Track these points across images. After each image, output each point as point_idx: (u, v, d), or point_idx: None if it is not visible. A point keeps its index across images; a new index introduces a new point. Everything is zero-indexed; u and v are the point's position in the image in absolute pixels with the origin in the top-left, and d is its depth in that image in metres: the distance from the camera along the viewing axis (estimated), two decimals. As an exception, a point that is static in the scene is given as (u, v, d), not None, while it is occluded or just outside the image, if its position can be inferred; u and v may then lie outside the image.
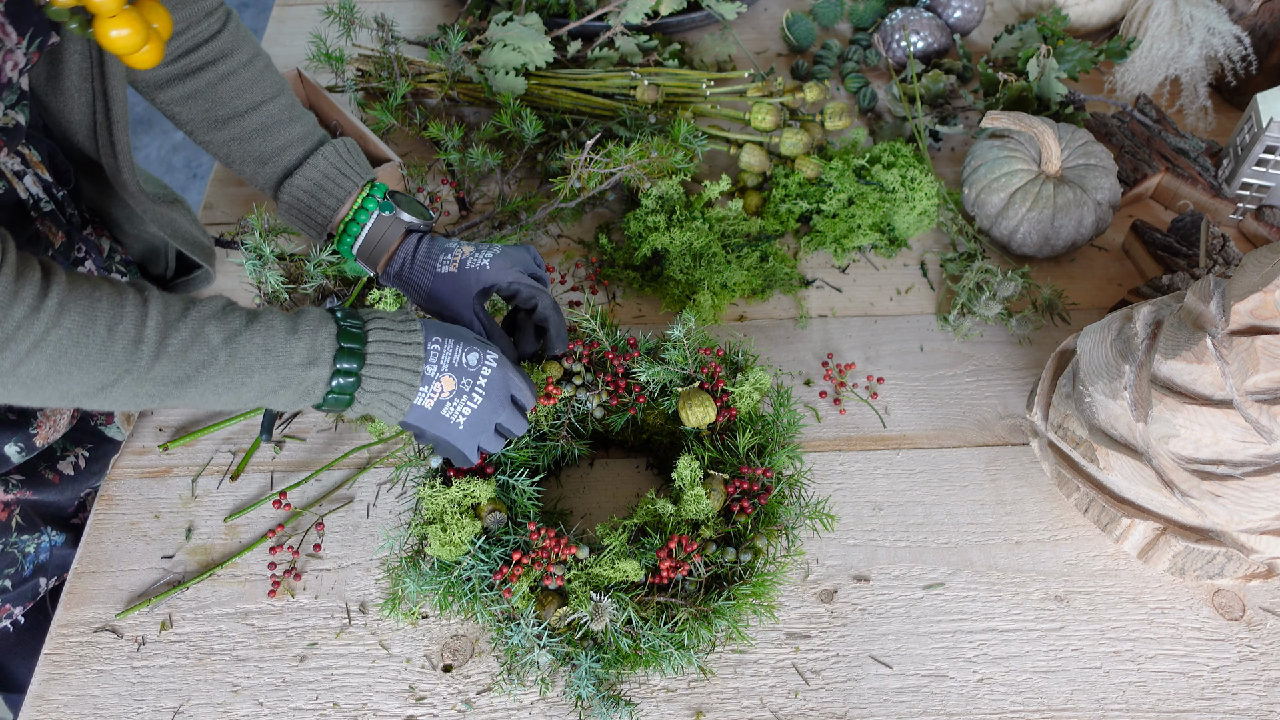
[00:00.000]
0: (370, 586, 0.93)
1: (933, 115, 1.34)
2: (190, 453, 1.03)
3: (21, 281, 0.65)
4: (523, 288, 0.92)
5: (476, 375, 0.82)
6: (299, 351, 0.75)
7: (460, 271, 0.92)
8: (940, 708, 0.85)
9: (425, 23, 1.56)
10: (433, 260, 0.94)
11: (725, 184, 1.18)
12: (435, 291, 0.93)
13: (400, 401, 0.79)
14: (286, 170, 0.95)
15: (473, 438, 0.83)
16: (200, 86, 0.92)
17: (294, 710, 0.85)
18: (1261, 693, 0.86)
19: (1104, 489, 0.91)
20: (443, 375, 0.81)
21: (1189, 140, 1.28)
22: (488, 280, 0.92)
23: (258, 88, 0.94)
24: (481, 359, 0.82)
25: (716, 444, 0.91)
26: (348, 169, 0.95)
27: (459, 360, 0.81)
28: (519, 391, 0.85)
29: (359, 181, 0.95)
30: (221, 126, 0.94)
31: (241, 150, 0.95)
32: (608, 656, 0.82)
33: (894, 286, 1.18)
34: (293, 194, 0.95)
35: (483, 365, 0.82)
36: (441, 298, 0.92)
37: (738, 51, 1.50)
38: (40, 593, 1.04)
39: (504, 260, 0.93)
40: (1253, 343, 0.78)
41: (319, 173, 0.94)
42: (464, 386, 0.81)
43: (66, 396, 0.69)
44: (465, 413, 0.82)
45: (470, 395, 0.82)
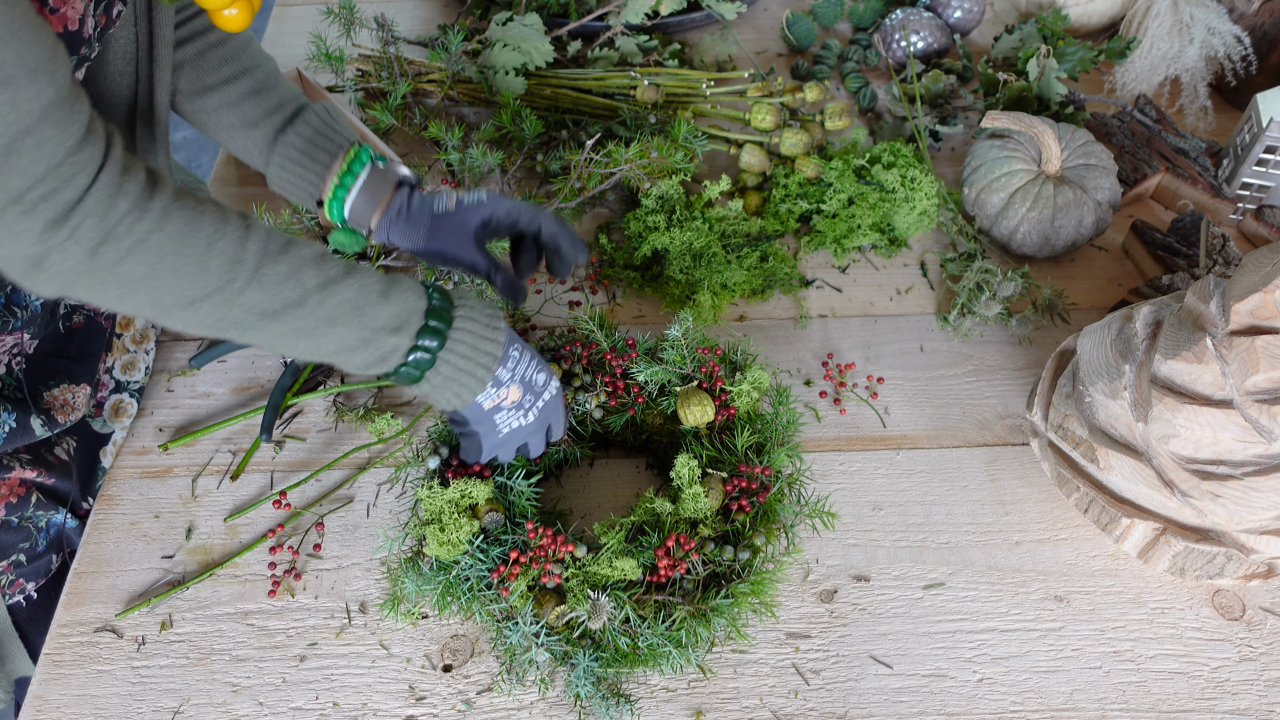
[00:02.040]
0: (370, 586, 0.93)
1: (933, 115, 1.34)
2: (190, 453, 1.03)
3: (127, 178, 0.66)
4: (523, 213, 0.93)
5: (540, 396, 0.84)
6: (387, 315, 0.75)
7: (458, 209, 0.92)
8: (940, 708, 0.85)
9: (425, 23, 1.56)
10: (427, 206, 0.93)
11: (725, 184, 1.18)
12: (434, 231, 0.93)
13: (465, 394, 0.80)
14: (277, 130, 0.94)
15: (503, 447, 0.85)
16: (189, 56, 0.92)
17: (294, 710, 0.85)
18: (1261, 693, 0.85)
19: (1104, 489, 0.90)
20: (513, 384, 0.82)
21: (1189, 140, 1.28)
22: (486, 213, 0.92)
23: (247, 54, 0.94)
24: (547, 382, 0.85)
25: (715, 443, 0.91)
26: (337, 126, 0.94)
27: (530, 376, 0.83)
28: (557, 423, 0.88)
29: (350, 138, 0.95)
30: (210, 93, 0.93)
31: (232, 114, 0.94)
32: (606, 655, 0.82)
33: (894, 286, 1.18)
34: (285, 154, 0.94)
35: (546, 390, 0.85)
36: (441, 237, 0.93)
37: (738, 51, 1.50)
38: (52, 568, 1.05)
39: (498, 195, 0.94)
40: (1253, 343, 0.78)
41: (311, 129, 0.93)
42: (525, 402, 0.83)
43: (158, 306, 0.70)
44: (514, 424, 0.84)
45: (527, 412, 0.84)
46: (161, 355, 1.11)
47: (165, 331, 1.13)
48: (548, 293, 1.17)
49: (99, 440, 1.03)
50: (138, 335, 1.07)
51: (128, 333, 1.06)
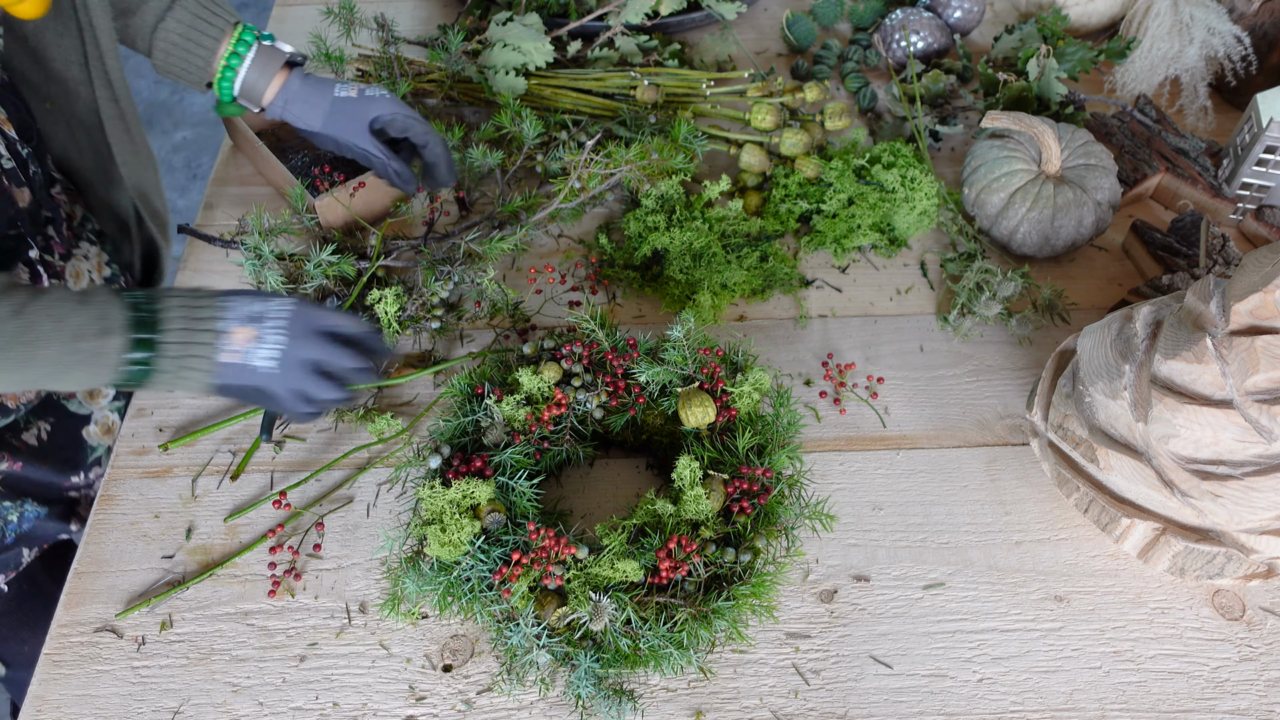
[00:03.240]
0: (370, 586, 0.93)
1: (933, 115, 1.34)
2: (190, 453, 1.03)
3: None
4: (415, 123, 0.97)
5: (267, 318, 0.80)
6: (87, 318, 0.73)
7: (360, 98, 0.95)
8: (940, 708, 0.85)
9: (425, 23, 1.56)
10: (328, 86, 0.96)
11: (725, 184, 1.18)
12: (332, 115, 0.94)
13: (205, 363, 0.78)
14: (157, 15, 0.94)
15: (292, 381, 0.81)
16: None
17: (294, 710, 0.85)
18: (1261, 693, 0.86)
19: (1104, 489, 0.91)
20: (238, 326, 0.79)
21: (1189, 140, 1.28)
22: (384, 110, 0.96)
23: None
24: (271, 305, 0.81)
25: (716, 444, 0.91)
26: (217, 7, 0.95)
27: (251, 309, 0.80)
28: (331, 321, 0.82)
29: (230, 20, 0.95)
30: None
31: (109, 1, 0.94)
32: (607, 656, 0.82)
33: (894, 286, 1.18)
34: (166, 39, 0.94)
35: (273, 309, 0.81)
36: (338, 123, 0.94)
37: (738, 51, 1.50)
38: (22, 562, 1.05)
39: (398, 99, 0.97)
40: (1253, 343, 0.78)
41: (190, 14, 0.93)
42: (264, 331, 0.79)
43: None
44: (269, 355, 0.79)
45: (271, 338, 0.79)
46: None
47: None
48: (548, 292, 1.17)
49: (78, 421, 1.03)
50: None
51: None
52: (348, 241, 1.15)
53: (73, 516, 1.06)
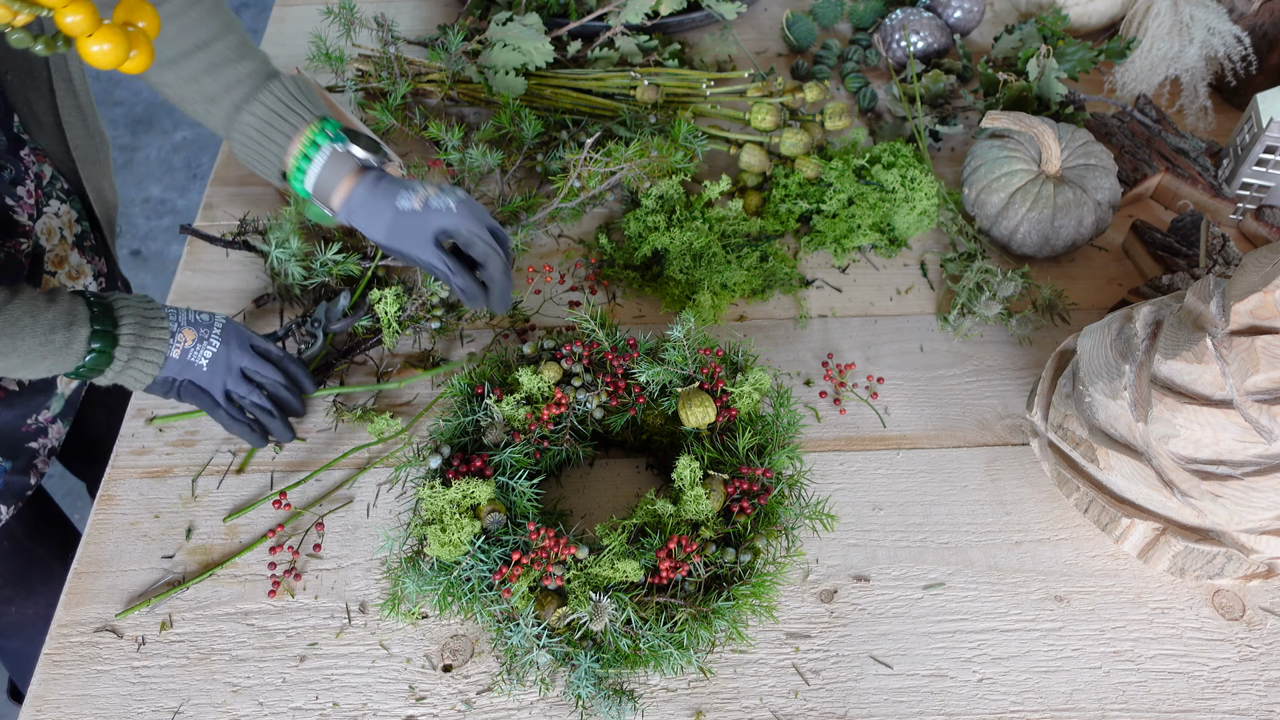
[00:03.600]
0: (370, 586, 0.93)
1: (933, 115, 1.34)
2: (190, 453, 1.03)
3: None
4: (478, 242, 0.92)
5: (211, 326, 0.95)
6: (55, 315, 0.85)
7: (424, 210, 0.92)
8: (940, 708, 0.85)
9: (425, 23, 1.56)
10: (393, 195, 0.93)
11: (725, 184, 1.18)
12: (395, 228, 0.92)
13: (156, 355, 0.91)
14: (235, 107, 0.94)
15: (218, 377, 0.95)
16: None
17: (294, 710, 0.85)
18: (1261, 693, 0.86)
19: (1104, 489, 0.91)
20: (184, 329, 0.93)
21: (1189, 140, 1.28)
22: (450, 224, 0.92)
23: (205, 26, 0.93)
24: (209, 317, 0.96)
25: (716, 444, 0.91)
26: (296, 104, 0.94)
27: (193, 318, 0.95)
28: (259, 340, 0.98)
29: (308, 117, 0.94)
30: (170, 67, 0.93)
31: (192, 89, 0.94)
32: (607, 656, 0.82)
33: (894, 286, 1.18)
34: (243, 131, 0.94)
35: (212, 321, 0.96)
36: (402, 235, 0.92)
37: (738, 51, 1.50)
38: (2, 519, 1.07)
39: (467, 210, 0.93)
40: (1253, 343, 0.78)
41: (266, 109, 0.93)
42: (202, 335, 0.94)
43: None
44: (207, 354, 0.94)
45: (209, 341, 0.94)
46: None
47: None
48: (547, 292, 1.17)
49: None
50: (73, 271, 1.08)
51: (61, 269, 1.07)
52: (349, 241, 1.15)
53: (31, 470, 1.07)
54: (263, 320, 1.14)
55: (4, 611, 1.22)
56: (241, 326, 0.98)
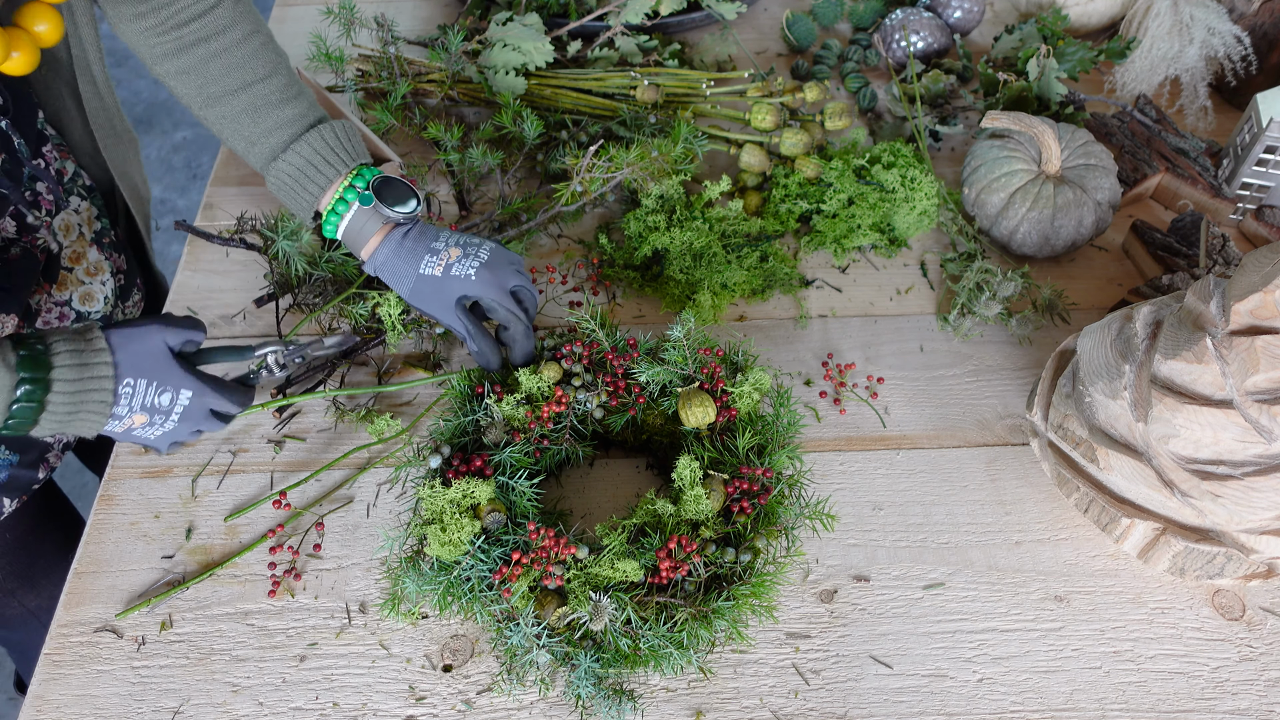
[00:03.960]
0: (370, 586, 0.93)
1: (933, 115, 1.34)
2: (190, 453, 1.03)
3: None
4: (499, 308, 0.95)
5: (167, 413, 0.85)
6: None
7: (444, 277, 0.94)
8: (940, 708, 0.85)
9: (425, 23, 1.56)
10: (417, 258, 0.94)
11: (725, 184, 1.18)
12: (417, 290, 0.95)
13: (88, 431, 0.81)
14: (272, 154, 0.95)
15: (169, 441, 0.88)
16: (193, 63, 0.93)
17: (294, 710, 0.85)
18: (1261, 693, 0.86)
19: (1104, 489, 0.91)
20: (134, 414, 0.83)
21: (1189, 140, 1.28)
22: (470, 292, 0.94)
23: (251, 67, 0.94)
24: (173, 400, 0.84)
25: (716, 444, 0.91)
26: (332, 155, 0.94)
27: (151, 401, 0.83)
28: (220, 406, 0.88)
29: (341, 169, 0.95)
30: (214, 104, 0.94)
31: (232, 129, 0.95)
32: (607, 656, 0.82)
33: (894, 286, 1.18)
34: (278, 178, 0.95)
35: (174, 405, 0.85)
36: (423, 297, 0.95)
37: (738, 51, 1.50)
38: (4, 511, 1.06)
39: (488, 275, 0.94)
40: (1253, 343, 0.78)
41: (302, 159, 0.94)
42: (156, 420, 0.84)
43: None
44: (156, 434, 0.86)
45: (164, 423, 0.85)
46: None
47: None
48: (548, 293, 1.17)
49: None
50: (91, 268, 1.08)
51: (79, 266, 1.07)
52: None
53: (42, 464, 1.07)
54: (262, 320, 1.14)
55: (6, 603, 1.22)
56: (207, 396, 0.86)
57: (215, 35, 0.92)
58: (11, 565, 1.18)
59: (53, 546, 1.21)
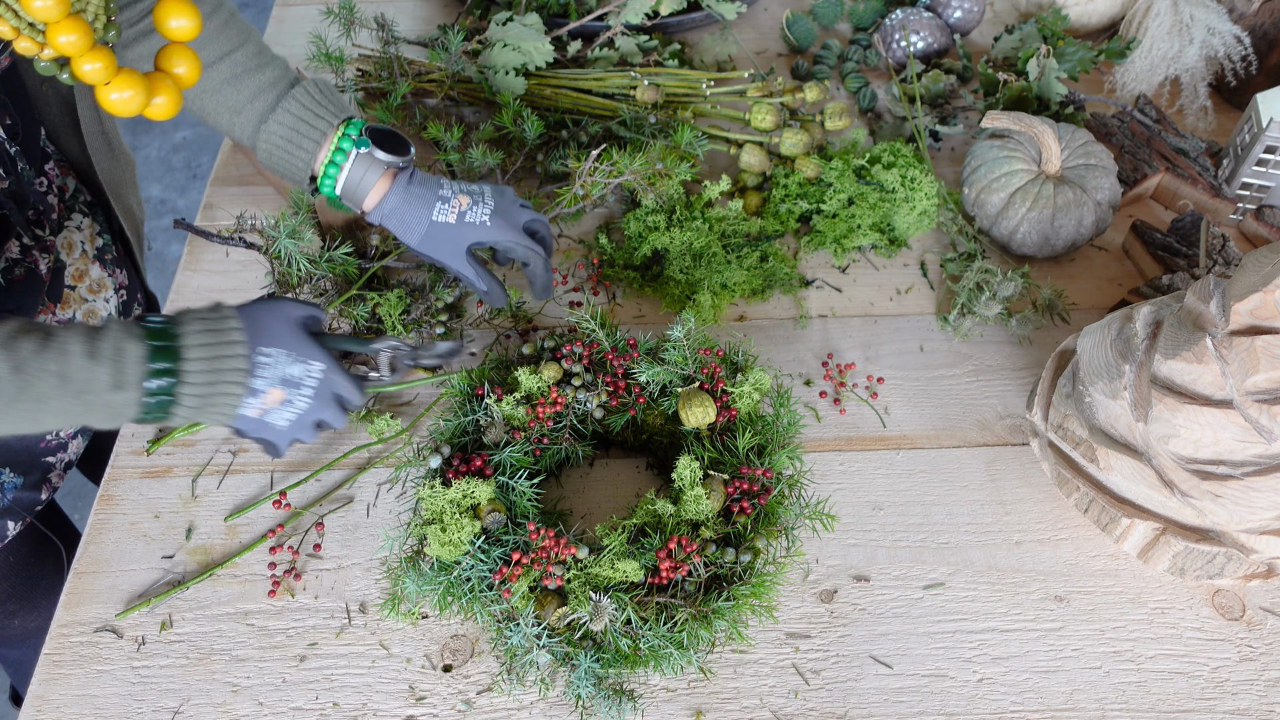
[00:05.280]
0: (370, 586, 0.93)
1: (933, 115, 1.34)
2: (190, 453, 1.03)
3: None
4: (518, 248, 0.96)
5: (300, 387, 0.82)
6: (98, 377, 0.72)
7: (458, 224, 0.94)
8: (940, 708, 0.85)
9: (425, 23, 1.56)
10: (428, 205, 0.94)
11: (725, 184, 1.18)
12: (429, 238, 0.95)
13: (224, 416, 0.80)
14: (260, 117, 0.94)
15: (292, 435, 0.85)
16: None
17: (294, 710, 0.85)
18: (1261, 693, 0.86)
19: (1104, 489, 0.91)
20: (271, 388, 0.80)
21: (1189, 140, 1.28)
22: (485, 238, 0.95)
23: (223, 38, 0.93)
24: (306, 371, 0.82)
25: (716, 444, 0.91)
26: (320, 109, 0.93)
27: (285, 373, 0.81)
28: (345, 391, 0.86)
29: (333, 120, 0.94)
30: None
31: (215, 102, 0.94)
32: (607, 656, 0.82)
33: (894, 286, 1.18)
34: (269, 141, 0.94)
35: (307, 376, 0.82)
36: (435, 244, 0.95)
37: (738, 51, 1.50)
38: (8, 535, 1.06)
39: (501, 220, 0.95)
40: (1253, 343, 0.78)
41: (291, 116, 0.93)
42: (290, 395, 0.82)
43: None
44: (290, 417, 0.83)
45: (295, 403, 0.82)
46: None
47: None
48: (548, 293, 1.17)
49: None
50: (94, 285, 1.08)
51: (82, 283, 1.06)
52: (348, 240, 1.14)
53: (44, 485, 1.07)
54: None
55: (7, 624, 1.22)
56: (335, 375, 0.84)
57: None
58: (13, 588, 1.17)
59: (53, 567, 1.20)
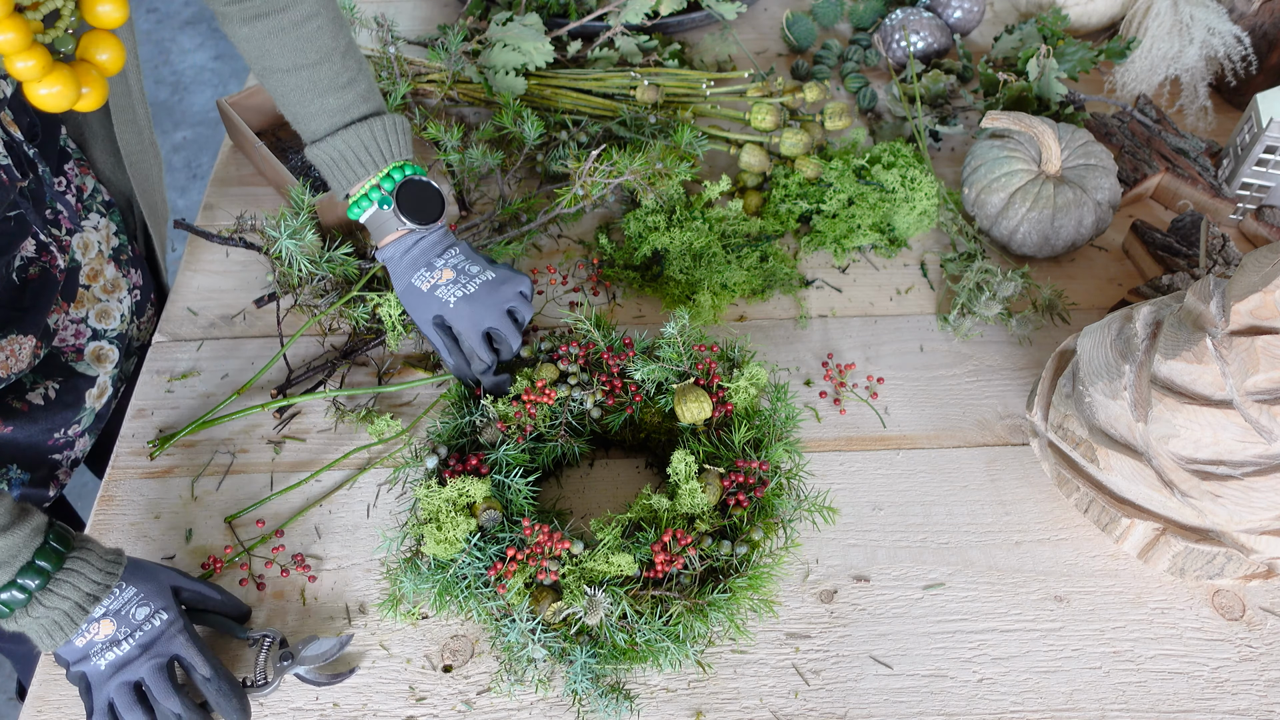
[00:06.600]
0: (370, 586, 0.93)
1: (933, 115, 1.34)
2: (190, 453, 1.03)
3: None
4: (466, 344, 0.98)
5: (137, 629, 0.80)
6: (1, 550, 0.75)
7: (428, 294, 0.98)
8: (940, 708, 0.85)
9: (425, 23, 1.56)
10: (414, 268, 0.99)
11: (725, 184, 1.18)
12: (405, 295, 1.00)
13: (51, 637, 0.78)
14: (313, 135, 1.00)
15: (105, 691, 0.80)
16: (254, 35, 0.96)
17: (294, 710, 0.85)
18: (1261, 693, 0.85)
19: (1104, 489, 0.90)
20: (104, 619, 0.79)
21: (1189, 140, 1.28)
22: (446, 316, 0.98)
23: (305, 50, 0.96)
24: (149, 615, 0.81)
25: (713, 439, 0.91)
26: (365, 154, 0.99)
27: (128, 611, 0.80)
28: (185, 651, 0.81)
29: (373, 169, 0.99)
30: (269, 76, 0.99)
31: (283, 102, 1.00)
32: (604, 651, 0.82)
33: (894, 286, 1.18)
34: (315, 158, 1.00)
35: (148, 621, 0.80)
36: (409, 302, 1.00)
37: (738, 51, 1.50)
38: None
39: (466, 308, 0.96)
40: (1253, 343, 0.78)
41: (336, 152, 0.98)
42: (119, 634, 0.80)
43: None
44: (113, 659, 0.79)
45: (121, 645, 0.80)
46: (161, 355, 1.11)
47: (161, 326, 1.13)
48: (548, 293, 1.17)
49: (85, 382, 1.04)
50: (108, 285, 1.08)
51: (96, 283, 1.07)
52: (348, 241, 1.14)
53: (51, 482, 1.07)
54: (262, 320, 1.14)
55: None
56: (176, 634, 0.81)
57: (276, 12, 0.95)
58: None
59: None
